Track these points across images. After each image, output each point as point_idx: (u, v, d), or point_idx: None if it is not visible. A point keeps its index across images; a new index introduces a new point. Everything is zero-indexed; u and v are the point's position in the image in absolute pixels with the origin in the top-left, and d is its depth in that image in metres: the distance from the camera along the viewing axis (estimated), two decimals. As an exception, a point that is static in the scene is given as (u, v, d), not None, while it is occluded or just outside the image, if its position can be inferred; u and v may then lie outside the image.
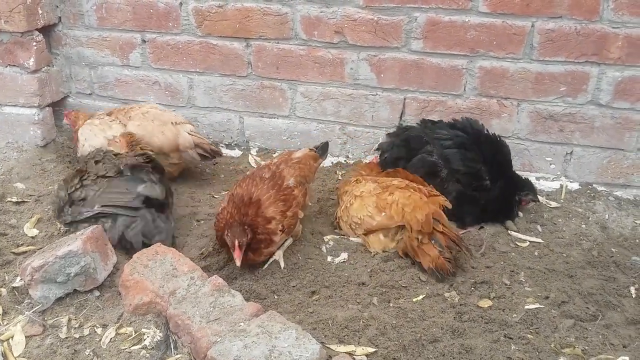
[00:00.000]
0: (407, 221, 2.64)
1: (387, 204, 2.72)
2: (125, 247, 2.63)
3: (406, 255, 2.70)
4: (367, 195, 2.81)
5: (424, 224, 2.58)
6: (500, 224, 3.02)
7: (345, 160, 3.58)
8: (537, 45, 3.11)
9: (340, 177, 3.44)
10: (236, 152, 3.72)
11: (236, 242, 2.43)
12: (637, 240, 2.92)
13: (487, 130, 3.09)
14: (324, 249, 2.81)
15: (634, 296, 2.51)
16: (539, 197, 3.10)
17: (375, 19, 3.24)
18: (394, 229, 2.72)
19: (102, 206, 2.64)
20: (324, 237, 2.89)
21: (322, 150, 3.01)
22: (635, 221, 3.07)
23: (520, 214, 3.09)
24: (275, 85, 3.55)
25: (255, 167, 3.55)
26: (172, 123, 3.25)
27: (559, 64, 3.12)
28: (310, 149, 2.96)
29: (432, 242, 2.61)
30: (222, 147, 3.75)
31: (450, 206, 2.72)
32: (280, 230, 2.58)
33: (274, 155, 3.56)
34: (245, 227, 2.48)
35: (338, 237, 2.89)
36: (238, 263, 2.44)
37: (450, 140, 2.99)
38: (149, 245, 2.52)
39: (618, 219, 3.09)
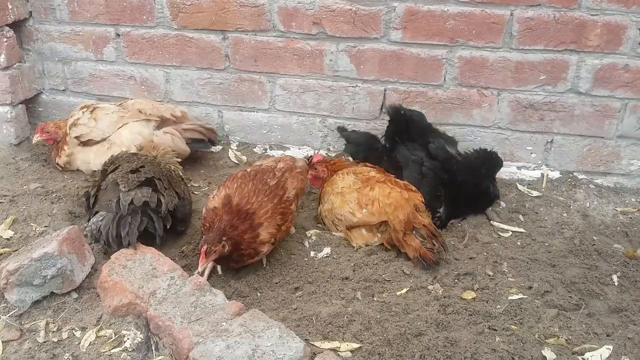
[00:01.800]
0: (390, 220, 2.65)
1: (369, 200, 2.71)
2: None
3: (392, 246, 2.70)
4: (348, 191, 2.78)
5: (406, 224, 2.62)
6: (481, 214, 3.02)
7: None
8: (517, 34, 3.10)
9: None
10: (216, 147, 3.66)
11: (204, 248, 2.31)
12: (618, 228, 2.94)
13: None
14: (306, 244, 2.79)
15: (616, 284, 2.52)
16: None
17: (354, 9, 3.20)
18: (376, 224, 2.71)
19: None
20: (307, 232, 2.86)
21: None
22: (616, 208, 3.09)
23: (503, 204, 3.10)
24: (254, 78, 3.50)
25: (236, 161, 3.51)
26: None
27: (539, 52, 3.12)
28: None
29: (414, 232, 2.64)
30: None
31: (424, 202, 2.75)
32: (271, 243, 2.53)
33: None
34: (225, 238, 2.35)
35: (321, 231, 2.86)
36: (199, 269, 2.33)
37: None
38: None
39: (599, 207, 3.11)
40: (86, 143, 3.25)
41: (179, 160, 3.10)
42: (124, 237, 2.42)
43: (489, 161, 3.05)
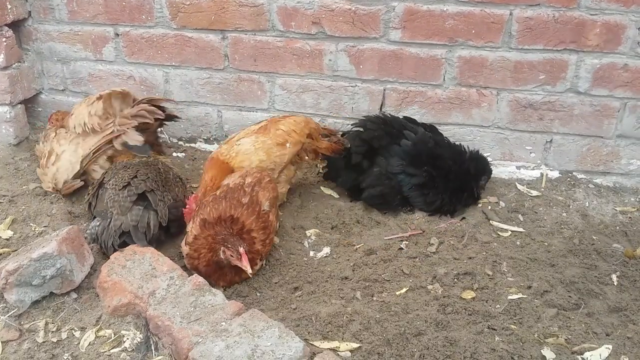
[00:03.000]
0: (308, 129, 2.98)
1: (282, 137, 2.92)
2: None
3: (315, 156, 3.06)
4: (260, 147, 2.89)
5: (316, 131, 3.04)
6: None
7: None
8: (516, 34, 3.09)
9: (321, 170, 3.41)
10: (215, 147, 3.66)
11: (241, 249, 2.32)
12: (618, 228, 2.94)
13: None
14: (306, 243, 2.79)
15: (615, 284, 2.52)
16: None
17: (353, 9, 3.20)
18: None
19: None
20: (306, 232, 2.86)
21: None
22: (615, 208, 3.09)
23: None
24: (253, 78, 3.50)
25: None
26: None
27: (538, 52, 3.12)
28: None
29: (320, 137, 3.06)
30: (200, 141, 3.70)
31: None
32: (259, 259, 2.51)
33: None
34: (236, 238, 2.38)
35: (320, 231, 2.87)
36: (250, 270, 2.33)
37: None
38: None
39: (598, 207, 3.11)
40: None
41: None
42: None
43: (479, 161, 3.13)
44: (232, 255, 2.34)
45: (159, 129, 3.33)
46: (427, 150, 3.04)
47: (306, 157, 3.06)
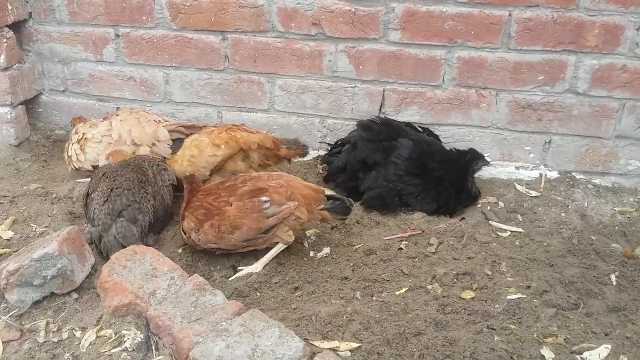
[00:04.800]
0: (261, 141, 3.04)
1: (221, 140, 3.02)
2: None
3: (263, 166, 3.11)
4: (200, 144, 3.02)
5: (274, 143, 3.09)
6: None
7: (325, 153, 3.55)
8: (515, 35, 3.11)
9: (321, 171, 3.42)
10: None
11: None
12: (616, 228, 2.95)
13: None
14: (305, 244, 2.80)
15: (614, 284, 2.53)
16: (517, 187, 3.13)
17: (353, 10, 3.21)
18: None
19: None
20: (306, 232, 2.87)
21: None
22: (614, 208, 3.10)
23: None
24: (253, 79, 3.51)
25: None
26: (154, 121, 3.22)
27: (537, 52, 3.13)
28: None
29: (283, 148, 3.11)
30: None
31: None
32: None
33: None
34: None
35: (320, 231, 2.87)
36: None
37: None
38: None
39: (597, 207, 3.12)
40: None
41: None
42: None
43: (468, 154, 3.16)
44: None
45: None
46: (420, 159, 3.08)
47: (267, 161, 3.14)
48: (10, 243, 2.71)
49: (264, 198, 2.53)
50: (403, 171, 3.05)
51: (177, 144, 3.16)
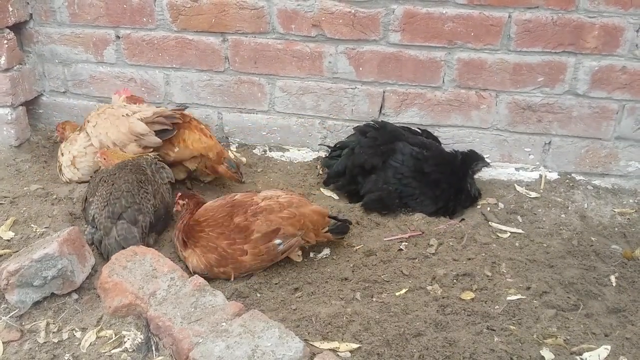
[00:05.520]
0: (207, 151, 3.14)
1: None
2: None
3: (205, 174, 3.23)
4: None
5: (218, 155, 3.17)
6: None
7: (325, 155, 3.56)
8: (515, 36, 3.11)
9: (321, 172, 3.43)
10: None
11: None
12: (616, 229, 2.95)
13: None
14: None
15: (614, 285, 2.53)
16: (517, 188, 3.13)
17: (353, 11, 3.21)
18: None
19: None
20: (306, 233, 2.87)
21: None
22: (614, 209, 3.10)
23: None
24: (253, 80, 3.51)
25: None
26: (124, 115, 3.11)
27: (537, 54, 3.13)
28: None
29: (224, 164, 3.18)
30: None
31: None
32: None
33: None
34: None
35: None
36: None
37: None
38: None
39: (597, 208, 3.12)
40: None
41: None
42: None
43: (467, 156, 3.17)
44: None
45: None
46: (419, 161, 3.09)
47: (205, 170, 3.23)
48: (10, 244, 2.71)
49: (277, 241, 2.54)
50: (401, 174, 3.06)
51: (161, 134, 3.08)
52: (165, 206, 2.86)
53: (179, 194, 2.72)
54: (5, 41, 3.41)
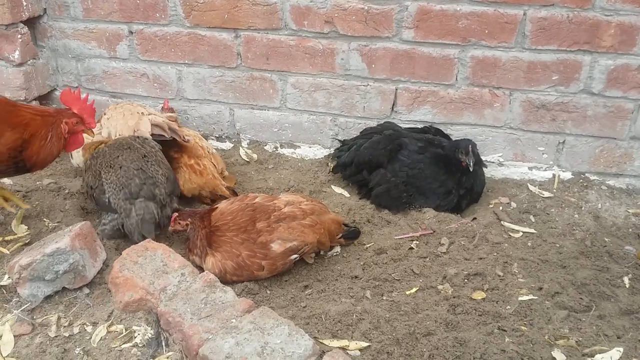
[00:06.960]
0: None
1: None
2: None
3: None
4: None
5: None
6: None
7: (336, 149, 3.55)
8: (529, 34, 3.08)
9: (331, 169, 3.42)
10: (227, 145, 3.68)
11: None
12: (630, 230, 2.92)
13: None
14: (316, 242, 2.80)
15: (627, 286, 2.50)
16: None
17: (366, 8, 3.20)
18: None
19: None
20: (316, 230, 2.87)
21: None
22: (628, 210, 3.07)
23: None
24: (265, 77, 3.51)
25: (246, 159, 3.53)
26: (139, 113, 3.15)
27: (551, 52, 3.10)
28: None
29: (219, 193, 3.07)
30: (212, 139, 3.71)
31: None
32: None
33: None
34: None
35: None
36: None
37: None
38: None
39: (611, 208, 3.09)
40: None
41: None
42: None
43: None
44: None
45: None
46: (420, 157, 3.12)
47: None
48: (23, 238, 2.73)
49: (294, 256, 2.54)
50: (408, 167, 3.10)
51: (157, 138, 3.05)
52: (170, 170, 2.89)
53: (176, 215, 2.66)
54: (19, 35, 3.43)
